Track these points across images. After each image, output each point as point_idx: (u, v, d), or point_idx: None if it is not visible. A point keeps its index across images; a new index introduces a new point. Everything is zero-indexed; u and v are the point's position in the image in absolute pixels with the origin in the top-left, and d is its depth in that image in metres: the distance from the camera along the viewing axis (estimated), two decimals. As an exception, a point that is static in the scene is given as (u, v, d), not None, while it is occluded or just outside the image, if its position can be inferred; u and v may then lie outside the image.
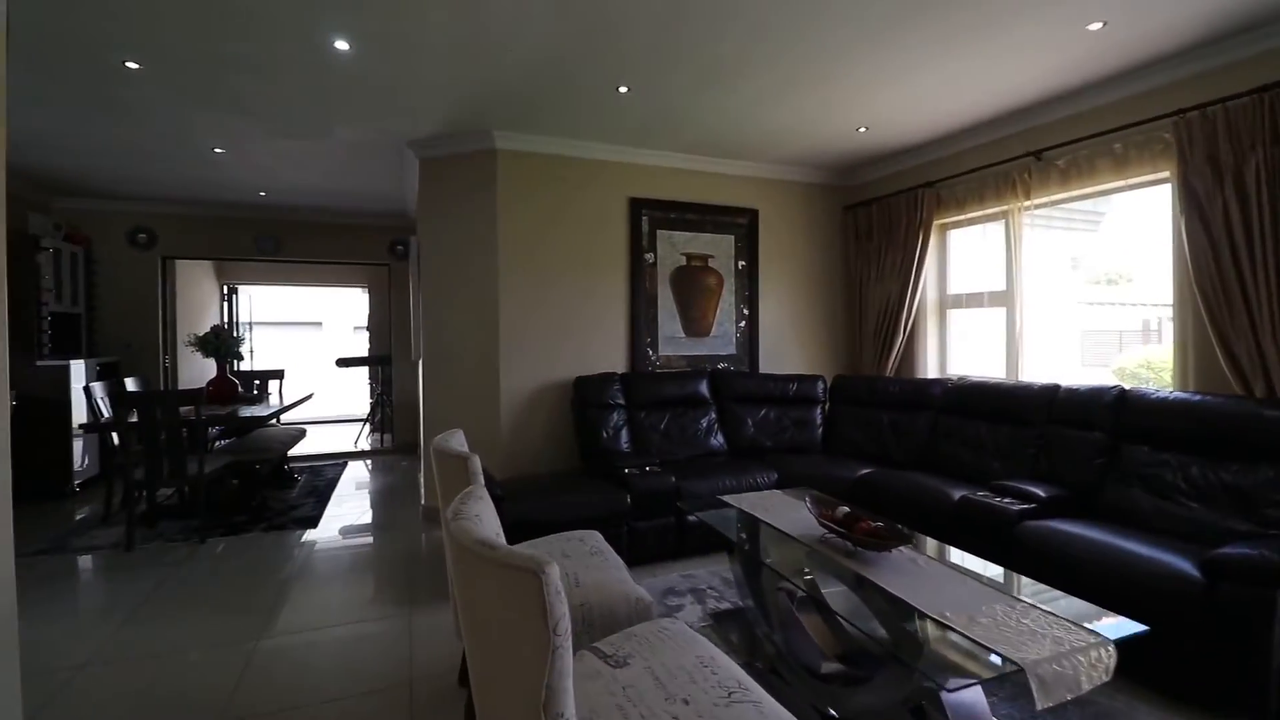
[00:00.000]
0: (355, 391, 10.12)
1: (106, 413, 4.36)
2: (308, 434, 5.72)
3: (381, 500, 5.10)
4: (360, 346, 10.67)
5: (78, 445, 5.19)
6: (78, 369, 5.30)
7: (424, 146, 4.23)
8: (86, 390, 4.34)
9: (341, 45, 2.84)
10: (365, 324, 9.61)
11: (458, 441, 2.11)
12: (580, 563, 2.09)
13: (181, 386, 6.78)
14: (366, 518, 4.54)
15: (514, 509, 3.05)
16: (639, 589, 1.93)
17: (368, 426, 7.95)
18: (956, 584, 1.94)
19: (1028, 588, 1.96)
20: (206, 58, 2.95)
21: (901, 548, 2.11)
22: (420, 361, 4.70)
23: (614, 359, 4.43)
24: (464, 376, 4.19)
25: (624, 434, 4.02)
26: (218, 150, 4.37)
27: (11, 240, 5.05)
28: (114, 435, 3.97)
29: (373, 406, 8.07)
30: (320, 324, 12.68)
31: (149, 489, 3.94)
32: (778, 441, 4.35)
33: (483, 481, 1.77)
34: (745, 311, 4.89)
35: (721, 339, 4.81)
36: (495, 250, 4.11)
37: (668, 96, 3.52)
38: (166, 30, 2.70)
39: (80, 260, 5.71)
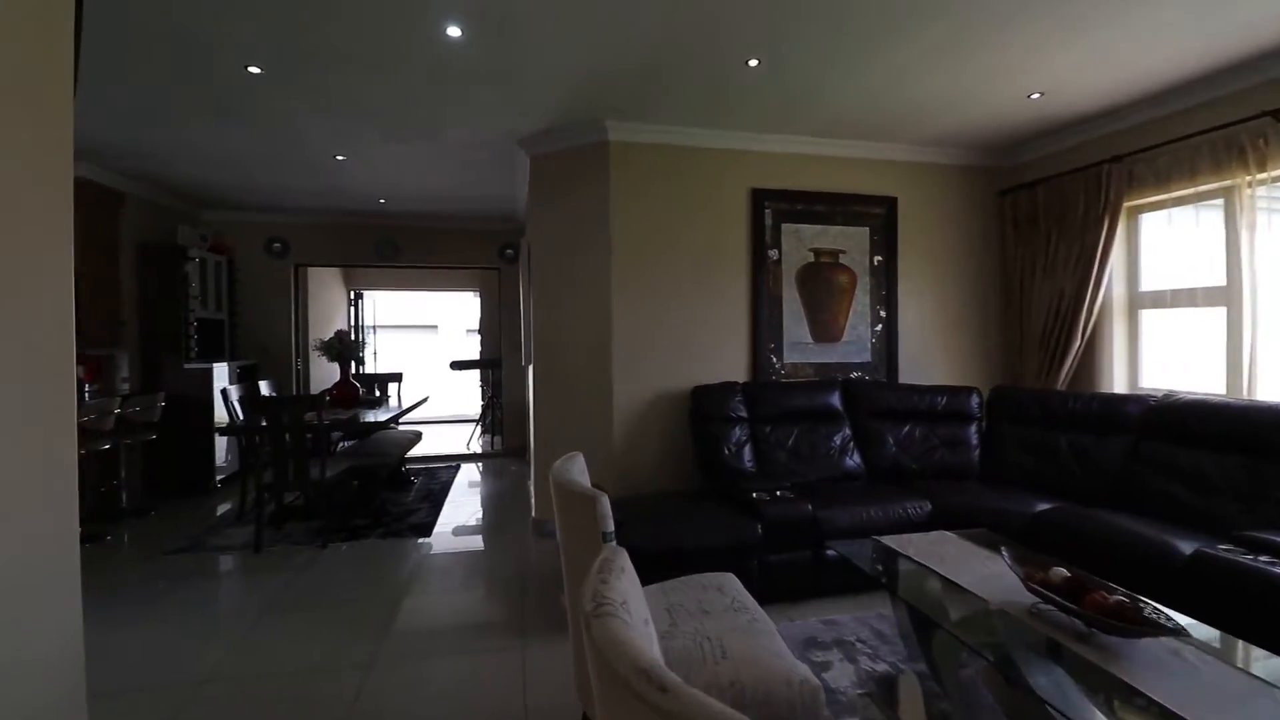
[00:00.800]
0: (467, 392, 10.38)
1: (240, 415, 4.55)
2: (423, 436, 5.78)
3: (492, 509, 5.01)
4: (472, 349, 10.95)
5: (219, 443, 5.51)
6: (220, 371, 5.64)
7: (534, 143, 4.05)
8: (223, 393, 4.54)
9: (453, 31, 2.66)
10: (476, 327, 9.82)
11: (579, 470, 1.82)
12: (723, 623, 1.74)
13: (312, 389, 7.14)
14: (478, 528, 4.44)
15: (631, 536, 2.75)
16: (801, 668, 1.55)
17: (478, 428, 8.04)
18: (1259, 697, 1.39)
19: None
20: (321, 55, 2.89)
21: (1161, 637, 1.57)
22: (530, 367, 4.55)
23: (734, 367, 4.04)
24: (575, 384, 3.97)
25: (747, 451, 3.62)
26: (339, 157, 4.43)
27: (162, 250, 5.45)
28: (246, 438, 4.09)
29: (483, 409, 8.16)
30: (436, 327, 13.20)
31: (276, 492, 4.02)
32: (924, 464, 3.78)
33: (612, 526, 1.46)
34: (882, 313, 4.33)
35: (854, 345, 4.28)
36: (607, 249, 3.85)
37: (802, 68, 3.09)
38: (283, 28, 2.64)
39: (224, 269, 6.10)
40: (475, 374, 8.93)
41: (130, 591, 3.28)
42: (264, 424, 3.89)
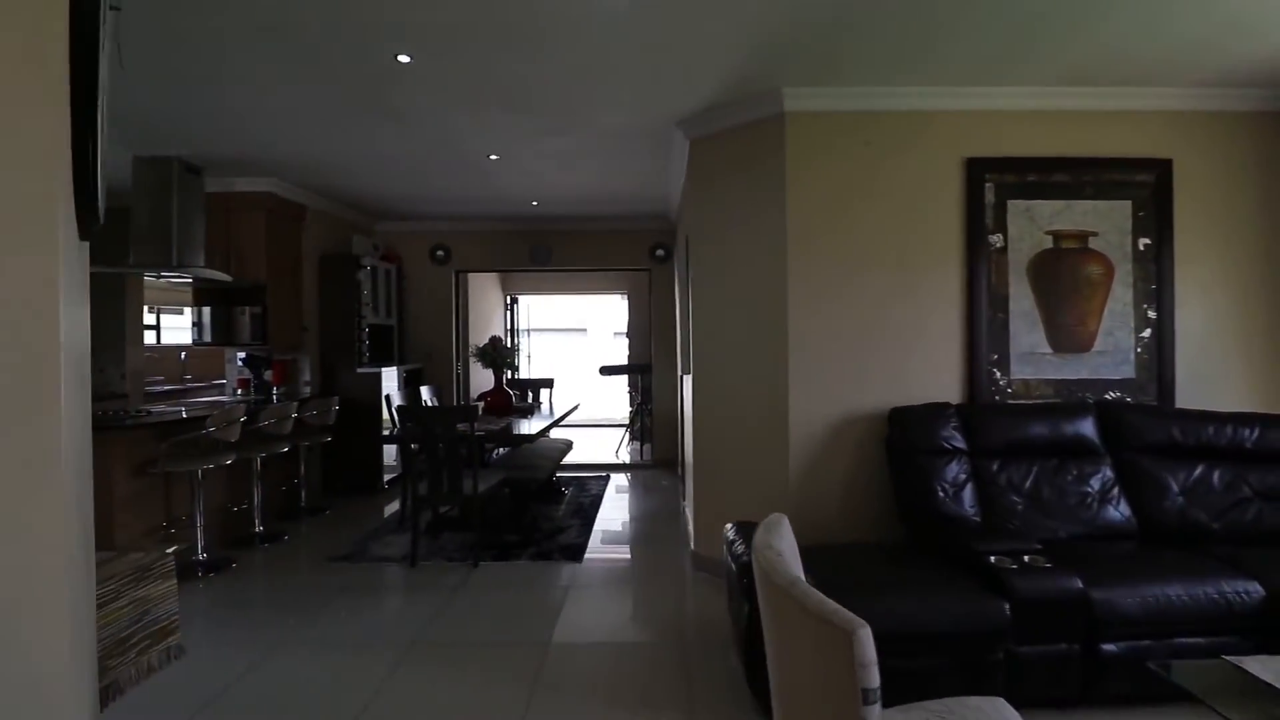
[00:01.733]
0: (616, 397, 10.24)
1: (397, 424, 4.56)
2: (573, 445, 5.56)
3: (645, 533, 4.60)
4: (619, 351, 10.83)
5: (388, 446, 5.68)
6: (388, 375, 5.83)
7: (695, 124, 3.56)
8: (386, 399, 4.58)
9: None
10: (625, 330, 9.63)
11: (791, 552, 1.26)
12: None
13: (472, 392, 7.29)
14: (631, 557, 4.04)
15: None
16: None
17: (626, 435, 7.77)
18: None
19: None
20: (473, 35, 2.61)
21: None
22: (688, 377, 4.07)
23: (944, 384, 3.24)
24: (742, 398, 3.41)
25: (967, 494, 2.83)
26: (493, 157, 4.27)
27: (338, 260, 5.72)
28: (402, 447, 4.04)
29: (632, 416, 7.88)
30: (585, 330, 13.32)
31: (431, 504, 3.92)
32: (1231, 522, 2.73)
33: (877, 681, 0.89)
34: (1150, 314, 3.28)
35: (1110, 356, 3.28)
36: (782, 241, 3.24)
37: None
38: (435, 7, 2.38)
39: (393, 276, 6.34)
40: (623, 379, 8.70)
41: (286, 604, 3.26)
42: (418, 434, 3.79)
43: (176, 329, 6.46)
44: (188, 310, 5.06)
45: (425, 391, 5.21)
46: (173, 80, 3.04)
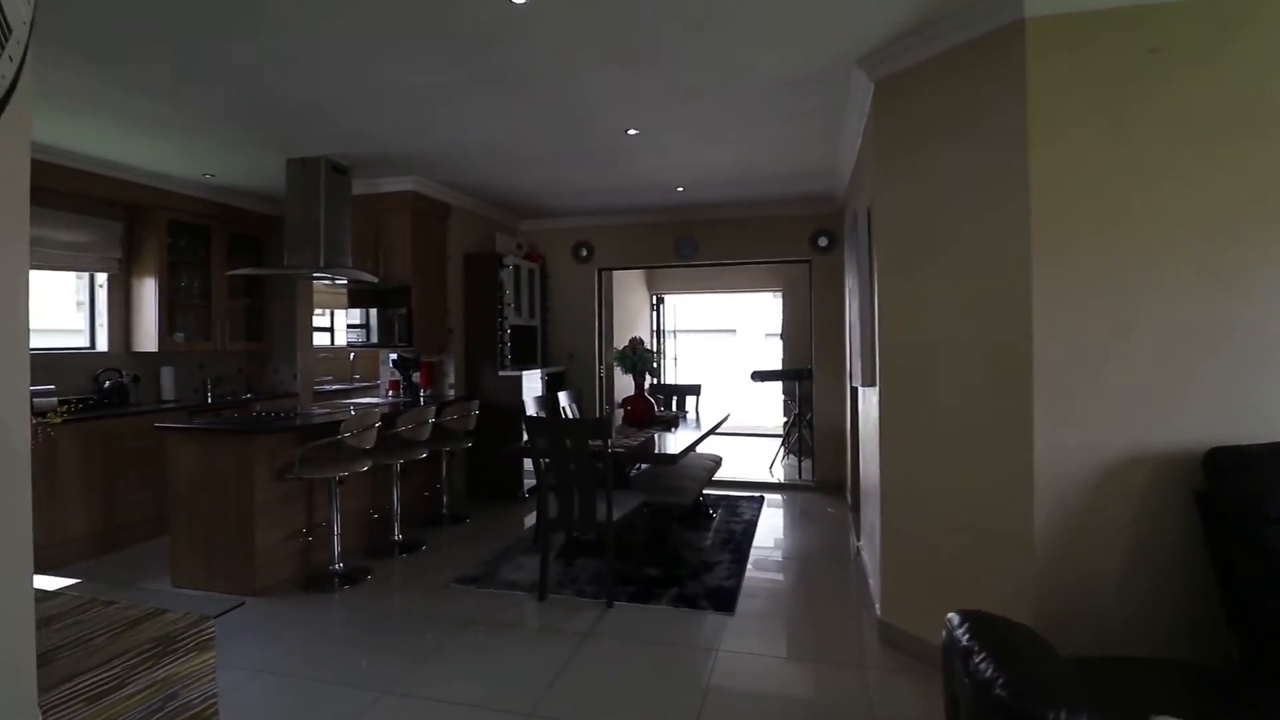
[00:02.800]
0: (767, 404, 9.39)
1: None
2: (722, 461, 4.88)
3: (811, 578, 3.77)
4: (772, 355, 9.94)
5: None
6: (530, 378, 5.57)
7: (883, 59, 2.73)
8: (521, 408, 4.24)
9: None
10: (778, 331, 8.75)
11: None
12: None
13: (616, 396, 6.90)
14: (797, 617, 3.26)
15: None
16: None
17: (781, 450, 6.93)
18: None
19: None
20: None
21: None
22: (869, 390, 3.22)
23: (1300, 411, 2.11)
24: (955, 423, 2.53)
25: (1374, 594, 1.73)
26: (631, 132, 3.72)
27: (482, 259, 5.56)
28: (533, 462, 3.64)
29: (788, 427, 7.02)
30: (734, 331, 12.55)
31: (563, 529, 3.46)
32: None
33: None
34: None
35: None
36: (1023, 207, 2.30)
37: None
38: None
39: (535, 276, 6.11)
40: (776, 385, 7.85)
41: (402, 639, 2.93)
42: (547, 449, 3.35)
43: (355, 329, 6.78)
44: (355, 312, 5.13)
45: (563, 397, 4.83)
46: (314, 66, 2.85)
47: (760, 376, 6.88)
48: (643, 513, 3.86)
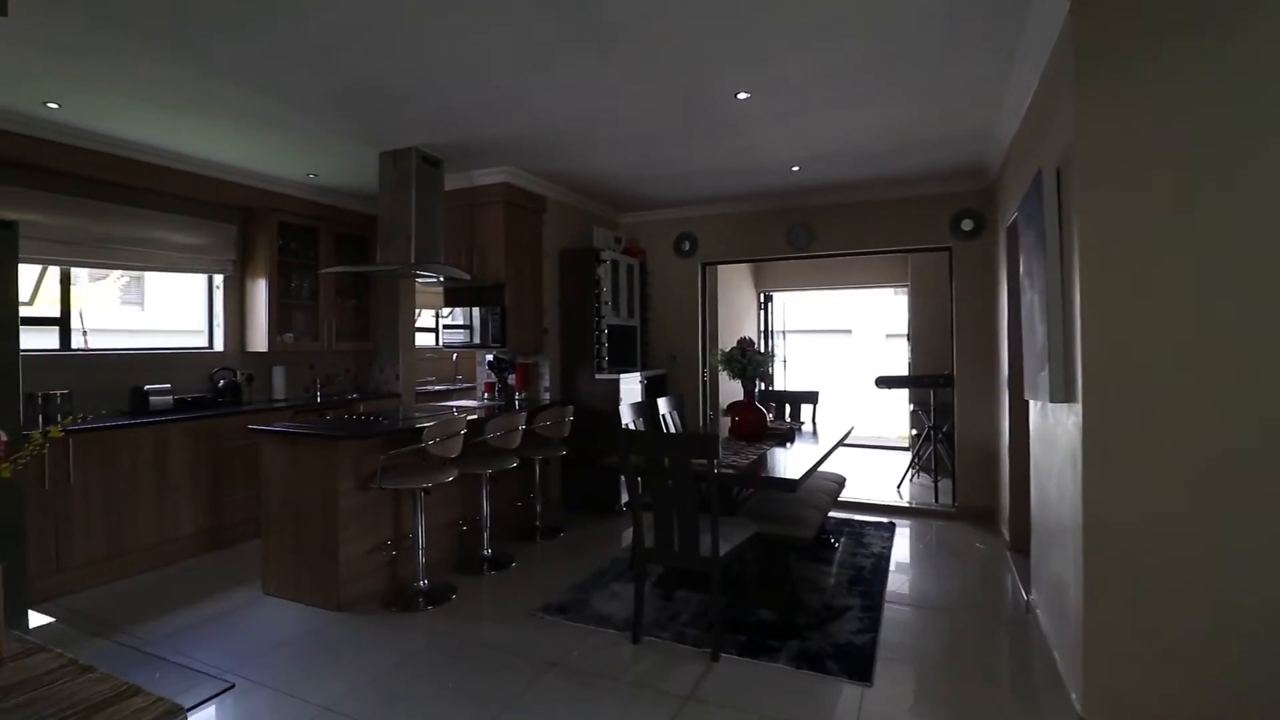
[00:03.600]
0: (891, 413, 8.43)
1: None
2: (846, 482, 4.20)
3: (968, 637, 3.00)
4: (893, 358, 8.95)
5: (623, 463, 5.00)
6: (628, 381, 5.16)
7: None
8: (616, 419, 3.81)
9: None
10: (904, 331, 7.79)
11: None
12: None
13: (721, 402, 6.35)
14: (954, 688, 2.57)
15: None
16: None
17: (912, 468, 6.05)
18: None
19: None
20: None
21: None
22: (1064, 406, 2.48)
23: None
24: (1225, 460, 1.77)
25: None
26: (741, 95, 3.15)
27: (578, 255, 5.20)
28: (626, 479, 3.18)
29: (919, 441, 6.13)
30: (849, 331, 11.56)
31: (660, 561, 2.98)
32: None
33: None
34: None
35: None
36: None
37: None
38: None
39: (635, 272, 5.69)
40: (903, 393, 6.94)
41: (477, 681, 2.57)
42: (642, 467, 2.88)
43: (451, 329, 6.70)
44: (456, 311, 4.95)
45: (663, 404, 4.35)
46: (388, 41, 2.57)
47: (886, 383, 6.05)
48: (755, 543, 3.29)
